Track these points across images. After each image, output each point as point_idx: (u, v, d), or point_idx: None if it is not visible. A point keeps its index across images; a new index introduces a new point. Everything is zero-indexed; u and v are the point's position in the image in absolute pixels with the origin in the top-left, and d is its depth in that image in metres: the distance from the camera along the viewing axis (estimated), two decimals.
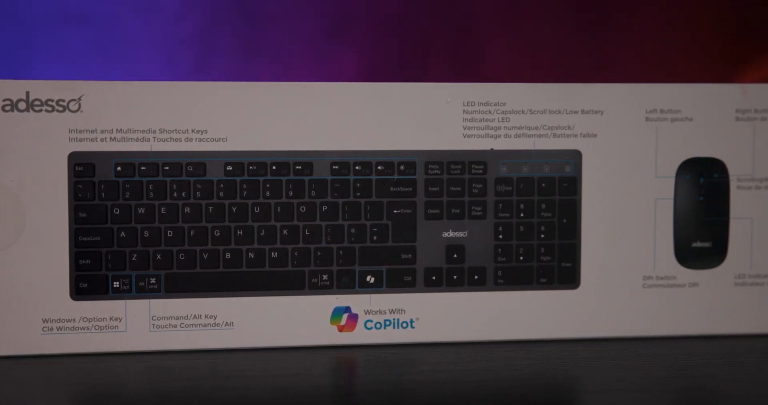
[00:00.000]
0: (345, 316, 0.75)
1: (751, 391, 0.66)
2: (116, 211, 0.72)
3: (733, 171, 0.78)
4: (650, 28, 1.26)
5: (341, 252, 0.75)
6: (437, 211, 0.76)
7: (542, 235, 0.77)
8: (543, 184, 0.76)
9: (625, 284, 0.77)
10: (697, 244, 0.78)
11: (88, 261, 0.72)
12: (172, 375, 0.69)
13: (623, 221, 0.77)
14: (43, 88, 0.71)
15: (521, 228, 0.76)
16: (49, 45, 1.16)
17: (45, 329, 0.72)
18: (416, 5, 1.24)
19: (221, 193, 0.73)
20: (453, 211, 0.76)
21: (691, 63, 1.27)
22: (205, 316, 0.74)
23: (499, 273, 0.76)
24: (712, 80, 0.92)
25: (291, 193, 0.74)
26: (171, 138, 0.73)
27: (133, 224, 0.72)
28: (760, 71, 1.23)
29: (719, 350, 0.75)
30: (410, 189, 0.75)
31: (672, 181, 0.77)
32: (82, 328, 0.73)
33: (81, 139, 0.72)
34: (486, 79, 1.21)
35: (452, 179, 0.76)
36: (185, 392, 0.65)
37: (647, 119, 0.77)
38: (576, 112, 0.76)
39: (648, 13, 1.25)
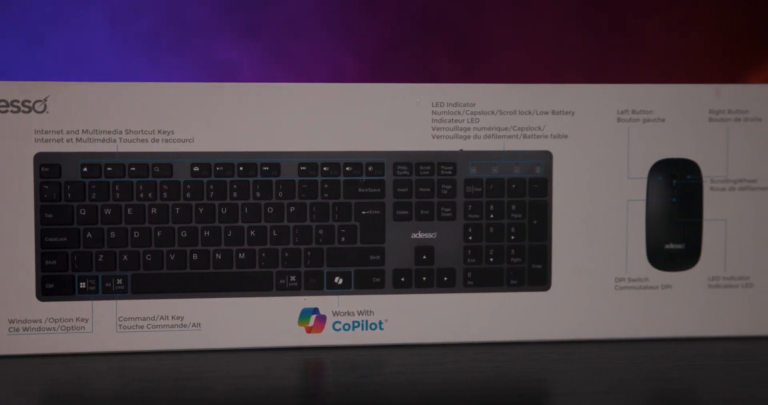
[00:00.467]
0: (313, 317, 0.75)
1: (715, 395, 0.66)
2: (82, 211, 0.72)
3: (707, 172, 0.77)
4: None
5: (309, 253, 0.74)
6: (406, 212, 0.75)
7: (512, 237, 0.76)
8: (513, 185, 0.76)
9: (596, 286, 0.77)
10: (670, 246, 0.77)
11: (55, 262, 0.72)
12: (135, 376, 0.68)
13: (595, 223, 0.76)
14: (8, 89, 0.71)
15: (491, 229, 0.76)
16: None
17: (11, 330, 0.72)
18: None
19: (188, 194, 0.73)
20: (422, 212, 0.75)
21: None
22: (172, 317, 0.73)
23: (469, 274, 0.76)
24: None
25: (258, 194, 0.74)
26: (137, 139, 0.72)
27: (100, 225, 0.72)
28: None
29: (690, 353, 0.74)
30: (379, 190, 0.75)
31: (644, 183, 0.77)
32: (49, 329, 0.73)
33: (47, 140, 0.72)
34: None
35: (421, 180, 0.75)
36: (144, 393, 0.65)
37: (619, 120, 0.76)
38: (546, 113, 0.76)
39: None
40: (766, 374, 0.70)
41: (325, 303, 0.75)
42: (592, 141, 0.76)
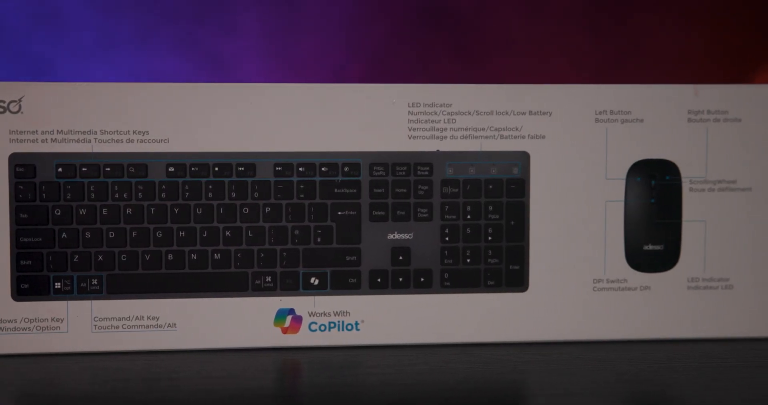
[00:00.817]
0: (289, 318, 0.75)
1: (683, 397, 0.65)
2: (57, 212, 0.72)
3: (686, 173, 0.77)
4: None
5: (285, 253, 0.74)
6: (382, 212, 0.75)
7: (489, 238, 0.76)
8: (490, 186, 0.76)
9: (574, 287, 0.76)
10: (649, 247, 0.77)
11: (30, 262, 0.72)
12: (106, 376, 0.68)
13: (572, 223, 0.76)
14: None
15: (468, 230, 0.76)
16: None
17: None
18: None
19: (163, 195, 0.73)
20: (398, 212, 0.75)
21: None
22: (148, 318, 0.73)
23: (446, 275, 0.75)
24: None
25: (234, 195, 0.74)
26: (112, 139, 0.73)
27: (75, 225, 0.73)
28: None
29: (666, 355, 0.74)
30: (355, 190, 0.75)
31: (623, 183, 0.76)
32: (24, 329, 0.73)
33: (22, 140, 0.72)
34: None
35: (397, 181, 0.75)
36: (112, 393, 0.65)
37: (597, 120, 0.76)
38: (524, 114, 0.75)
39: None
40: (739, 376, 0.69)
41: (301, 304, 0.75)
42: (570, 141, 0.76)
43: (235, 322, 0.74)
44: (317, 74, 1.29)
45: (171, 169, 0.73)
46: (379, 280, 0.75)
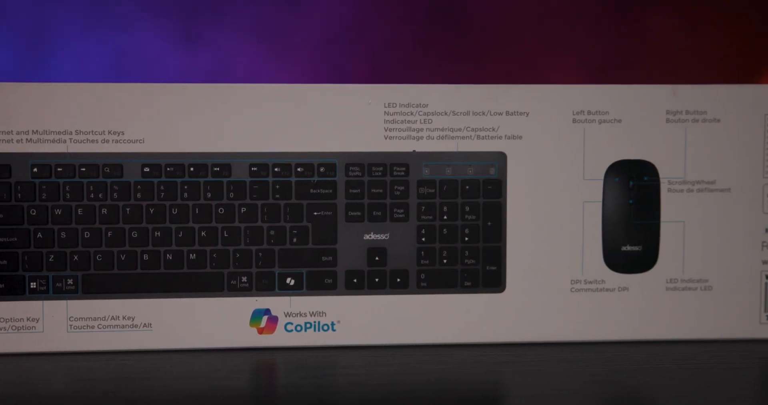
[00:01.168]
0: (265, 318, 0.75)
1: (656, 399, 0.65)
2: (33, 212, 0.73)
3: (664, 174, 0.76)
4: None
5: (260, 254, 0.74)
6: (358, 213, 0.75)
7: (466, 238, 0.76)
8: (467, 187, 0.75)
9: (552, 288, 0.76)
10: (627, 248, 0.76)
11: (5, 262, 0.73)
12: (78, 376, 0.69)
13: (550, 224, 0.76)
14: None
15: (445, 231, 0.76)
16: None
17: None
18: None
19: (138, 195, 0.73)
20: (374, 213, 0.75)
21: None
22: (123, 317, 0.74)
23: (422, 276, 0.75)
24: None
25: (209, 195, 0.74)
26: (87, 139, 0.73)
27: (50, 225, 0.73)
28: None
29: (642, 356, 0.74)
30: (330, 191, 0.75)
31: (600, 184, 0.76)
32: None
33: None
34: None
35: (373, 181, 0.75)
36: (80, 393, 0.65)
37: (574, 121, 0.76)
38: (500, 114, 0.75)
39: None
40: (715, 378, 0.69)
41: (277, 304, 0.75)
42: (547, 142, 0.76)
43: (211, 323, 0.74)
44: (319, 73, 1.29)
45: (146, 169, 0.73)
46: (355, 280, 0.75)
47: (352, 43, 1.27)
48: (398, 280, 0.75)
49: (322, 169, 0.74)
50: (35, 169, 0.73)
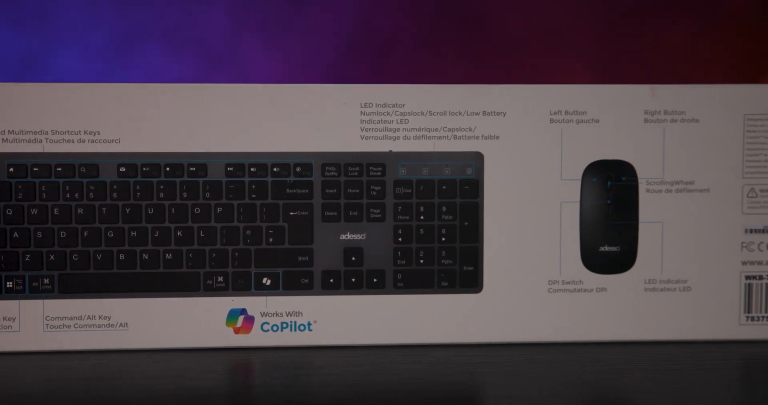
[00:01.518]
0: (241, 318, 0.75)
1: (627, 400, 0.65)
2: (9, 211, 0.73)
3: (642, 174, 0.76)
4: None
5: (237, 254, 0.74)
6: (335, 213, 0.75)
7: (443, 238, 0.76)
8: (444, 187, 0.75)
9: (529, 289, 0.76)
10: (605, 249, 0.76)
11: None
12: (49, 376, 0.69)
13: (527, 224, 0.75)
14: None
15: (421, 231, 0.75)
16: None
17: None
18: None
19: (114, 195, 0.74)
20: (351, 213, 0.75)
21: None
22: (99, 317, 0.74)
23: (399, 276, 0.75)
24: None
25: (185, 195, 0.74)
26: (63, 139, 0.73)
27: (26, 225, 0.73)
28: None
29: (619, 357, 0.73)
30: (307, 191, 0.75)
31: (578, 184, 0.76)
32: None
33: None
34: None
35: (350, 181, 0.75)
36: (50, 393, 0.65)
37: (552, 121, 0.75)
38: (477, 114, 0.75)
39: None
40: (690, 379, 0.68)
41: (253, 304, 0.75)
42: (524, 142, 0.75)
43: (187, 322, 0.74)
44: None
45: (122, 169, 0.73)
46: (331, 280, 0.75)
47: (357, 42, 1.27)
48: (375, 280, 0.75)
49: (298, 169, 0.75)
50: (11, 169, 0.73)
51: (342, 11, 1.23)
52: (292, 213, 0.75)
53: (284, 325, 0.75)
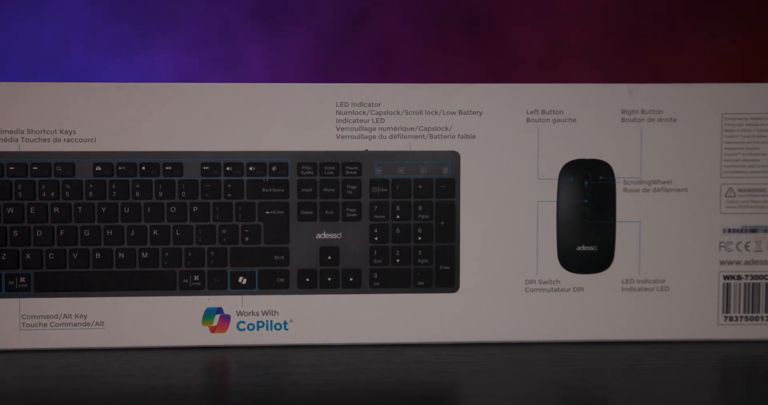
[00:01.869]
0: (217, 317, 0.75)
1: (590, 400, 0.64)
2: None
3: (619, 173, 0.76)
4: None
5: (213, 253, 0.75)
6: (310, 212, 0.75)
7: (419, 238, 0.75)
8: (420, 186, 0.75)
9: (506, 288, 0.76)
10: (582, 248, 0.76)
11: None
12: (20, 374, 0.69)
13: (504, 224, 0.75)
14: None
15: (397, 230, 0.75)
16: None
17: None
18: None
19: (90, 194, 0.74)
20: (327, 212, 0.75)
21: None
22: (75, 316, 0.74)
23: (375, 275, 0.75)
24: None
25: (161, 194, 0.74)
26: (39, 138, 0.73)
27: (2, 224, 0.73)
28: None
29: (594, 357, 0.73)
30: (282, 190, 0.75)
31: (555, 183, 0.75)
32: None
33: None
34: None
35: (325, 180, 0.75)
36: (17, 392, 0.65)
37: (528, 120, 0.75)
38: (454, 113, 0.75)
39: None
40: (662, 379, 0.68)
41: (229, 303, 0.75)
42: (500, 141, 0.75)
43: (163, 321, 0.74)
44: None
45: (98, 168, 0.74)
46: (307, 279, 0.75)
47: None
48: (351, 279, 0.75)
49: (274, 169, 0.75)
50: None
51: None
52: (267, 212, 0.75)
53: (260, 324, 0.75)
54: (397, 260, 0.75)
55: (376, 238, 0.75)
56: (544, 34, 1.13)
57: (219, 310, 0.75)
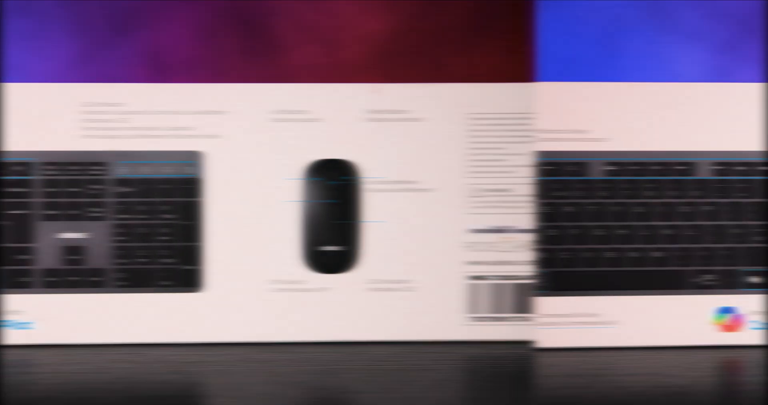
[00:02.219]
0: None
1: (328, 400, 0.65)
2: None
3: (366, 173, 0.76)
4: None
5: None
6: (54, 211, 0.75)
7: (164, 237, 0.76)
8: (165, 186, 0.75)
9: (251, 288, 0.76)
10: (328, 248, 0.76)
11: None
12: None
13: (250, 223, 0.76)
14: None
15: (142, 230, 0.75)
16: None
17: None
18: None
19: None
20: (71, 212, 0.75)
21: None
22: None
23: (120, 275, 0.75)
24: None
25: None
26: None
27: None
28: None
29: (335, 357, 0.73)
30: (26, 190, 0.75)
31: (300, 183, 0.75)
32: None
33: None
34: None
35: (70, 180, 0.75)
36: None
37: (274, 120, 0.75)
38: (198, 113, 0.75)
39: None
40: (398, 379, 0.68)
41: None
42: (246, 141, 0.75)
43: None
44: None
45: None
46: (51, 279, 0.75)
47: None
48: (95, 278, 0.75)
49: (17, 168, 0.74)
50: None
51: None
52: (12, 211, 0.75)
53: (4, 324, 0.75)
54: (142, 259, 0.75)
55: (120, 238, 0.75)
56: None
57: None
